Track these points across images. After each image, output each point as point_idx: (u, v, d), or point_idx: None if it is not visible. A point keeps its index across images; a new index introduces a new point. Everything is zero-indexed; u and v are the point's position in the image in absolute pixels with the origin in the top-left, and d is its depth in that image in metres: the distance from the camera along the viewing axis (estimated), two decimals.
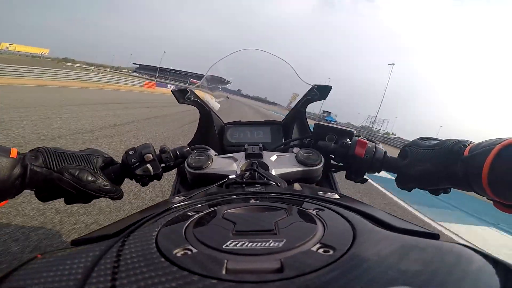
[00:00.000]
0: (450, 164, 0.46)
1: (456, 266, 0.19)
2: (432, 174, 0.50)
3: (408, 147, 0.56)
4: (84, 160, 0.50)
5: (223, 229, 0.25)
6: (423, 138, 0.56)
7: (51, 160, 0.46)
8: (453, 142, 0.48)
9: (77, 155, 0.50)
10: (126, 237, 0.25)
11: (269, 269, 0.19)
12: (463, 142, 0.46)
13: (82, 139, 3.64)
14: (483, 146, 0.41)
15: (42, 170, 0.45)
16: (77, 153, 0.51)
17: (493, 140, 0.41)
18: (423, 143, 0.54)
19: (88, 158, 0.51)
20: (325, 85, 0.84)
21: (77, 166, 0.48)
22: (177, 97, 0.82)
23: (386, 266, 0.19)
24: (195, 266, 0.20)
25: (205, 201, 0.37)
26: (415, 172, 0.52)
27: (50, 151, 0.47)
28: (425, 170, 0.50)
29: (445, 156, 0.47)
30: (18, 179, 0.43)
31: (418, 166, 0.52)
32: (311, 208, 0.30)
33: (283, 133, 0.95)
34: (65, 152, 0.49)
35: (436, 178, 0.50)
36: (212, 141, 0.89)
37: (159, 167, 0.59)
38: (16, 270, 0.22)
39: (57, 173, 0.46)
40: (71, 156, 0.49)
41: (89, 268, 0.20)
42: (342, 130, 0.67)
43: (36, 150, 0.47)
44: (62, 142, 3.33)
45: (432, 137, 0.56)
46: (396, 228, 0.26)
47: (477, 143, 0.44)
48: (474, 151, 0.42)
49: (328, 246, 0.22)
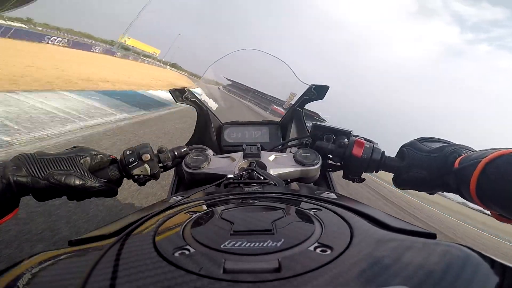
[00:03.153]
0: (444, 174, 0.47)
1: (453, 265, 0.19)
2: (427, 181, 0.50)
3: (406, 148, 0.56)
4: (69, 163, 0.47)
5: (221, 229, 0.25)
6: (422, 139, 0.56)
7: (34, 168, 0.44)
8: (449, 151, 0.48)
9: (61, 159, 0.47)
10: (124, 237, 0.25)
11: (267, 269, 0.19)
12: (458, 151, 0.46)
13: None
14: (472, 159, 0.41)
15: (28, 179, 0.43)
16: (61, 156, 0.48)
17: (481, 153, 0.41)
18: (421, 145, 0.54)
19: (73, 160, 0.48)
20: (322, 84, 0.84)
21: (62, 172, 0.46)
22: (174, 96, 0.82)
23: (384, 265, 0.19)
24: (193, 266, 0.20)
25: (203, 201, 0.37)
26: (411, 177, 0.53)
27: (32, 158, 0.45)
28: (420, 176, 0.51)
29: (440, 165, 0.48)
30: (6, 192, 0.41)
31: (414, 172, 0.52)
32: (308, 208, 0.31)
33: (281, 133, 0.95)
34: (48, 157, 0.46)
35: (431, 185, 0.51)
36: (210, 141, 0.89)
37: (157, 167, 0.59)
38: (12, 269, 0.22)
39: (44, 180, 0.44)
40: (55, 161, 0.46)
41: (88, 269, 0.19)
42: (340, 130, 0.68)
43: (16, 159, 0.44)
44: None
45: (432, 138, 0.56)
46: (393, 227, 0.26)
47: (467, 155, 0.44)
48: (463, 163, 0.43)
49: (325, 246, 0.22)
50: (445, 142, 0.54)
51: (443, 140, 0.55)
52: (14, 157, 0.45)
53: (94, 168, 0.52)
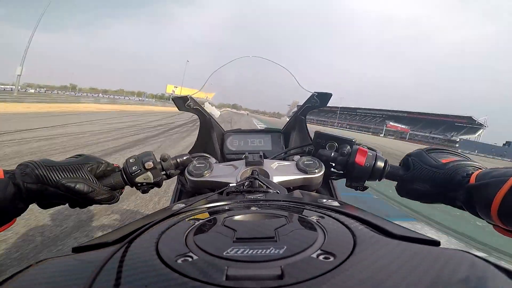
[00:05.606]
0: (450, 190, 0.47)
1: (458, 273, 0.19)
2: (430, 195, 0.51)
3: (412, 158, 0.56)
4: (77, 170, 0.48)
5: (224, 236, 0.25)
6: (429, 150, 0.56)
7: (45, 174, 0.44)
8: (455, 168, 0.48)
9: (69, 167, 0.47)
10: (127, 244, 0.25)
11: (269, 276, 0.19)
12: (466, 169, 0.46)
13: None
14: (494, 176, 0.41)
15: (37, 186, 0.44)
16: (70, 163, 0.48)
17: (504, 170, 0.41)
18: (428, 158, 0.54)
19: (81, 168, 0.49)
20: (325, 92, 0.84)
21: (73, 179, 0.46)
22: (177, 104, 0.83)
23: (387, 273, 0.19)
24: (196, 273, 0.20)
25: (206, 208, 0.37)
26: (414, 190, 0.54)
27: (41, 165, 0.45)
28: (424, 190, 0.52)
29: (445, 182, 0.48)
30: (16, 198, 0.42)
31: (417, 185, 0.53)
32: (311, 216, 0.30)
33: (283, 141, 0.95)
34: (58, 164, 0.47)
35: (433, 198, 0.51)
36: (212, 149, 0.89)
37: (159, 175, 0.59)
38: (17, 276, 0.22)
39: (53, 187, 0.45)
40: (63, 169, 0.47)
41: (92, 275, 0.20)
42: (343, 138, 0.68)
43: (25, 166, 0.44)
44: None
45: (440, 149, 0.56)
46: (397, 235, 0.26)
47: (485, 171, 0.44)
48: (483, 180, 0.42)
49: (328, 253, 0.22)
50: (453, 154, 0.54)
51: (451, 152, 0.56)
52: (22, 164, 0.45)
53: (99, 176, 0.53)
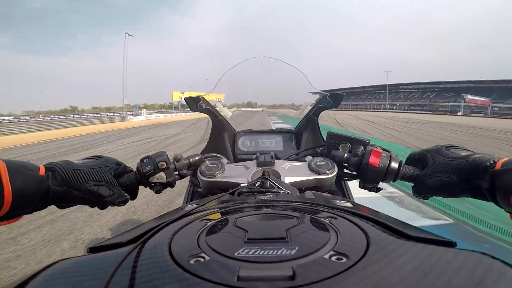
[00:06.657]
0: (475, 177, 0.46)
1: (475, 274, 0.18)
2: (454, 185, 0.50)
3: (431, 154, 0.55)
4: (100, 174, 0.50)
5: (235, 236, 0.26)
6: (448, 147, 0.55)
7: (70, 178, 0.46)
8: (481, 156, 0.48)
9: (93, 170, 0.50)
10: (141, 245, 0.26)
11: (281, 277, 0.19)
12: (493, 157, 0.46)
13: None
14: None
15: (63, 189, 0.46)
16: (92, 166, 0.50)
17: None
18: (448, 152, 0.53)
19: (103, 171, 0.51)
20: (338, 92, 0.83)
21: (95, 183, 0.49)
22: (190, 104, 0.84)
23: (400, 275, 0.18)
24: (208, 273, 0.20)
25: (217, 209, 0.37)
26: (436, 182, 0.52)
27: (67, 168, 0.47)
28: (448, 180, 0.50)
29: (470, 170, 0.47)
30: (43, 196, 0.44)
31: (440, 176, 0.51)
32: (323, 216, 0.30)
33: (295, 141, 0.94)
34: (81, 168, 0.49)
35: (457, 189, 0.50)
36: (224, 149, 0.90)
37: (173, 175, 0.60)
38: (35, 276, 0.23)
39: (77, 190, 0.47)
40: (87, 173, 0.49)
41: (107, 276, 0.20)
42: (356, 139, 0.67)
43: (52, 169, 0.46)
44: None
45: (459, 146, 0.55)
46: (411, 236, 0.25)
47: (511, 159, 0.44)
48: (509, 165, 0.42)
49: (341, 254, 0.21)
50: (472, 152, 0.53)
51: (471, 150, 0.54)
52: (49, 165, 0.47)
53: (117, 178, 0.55)
